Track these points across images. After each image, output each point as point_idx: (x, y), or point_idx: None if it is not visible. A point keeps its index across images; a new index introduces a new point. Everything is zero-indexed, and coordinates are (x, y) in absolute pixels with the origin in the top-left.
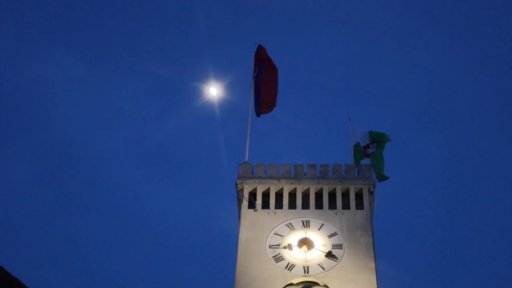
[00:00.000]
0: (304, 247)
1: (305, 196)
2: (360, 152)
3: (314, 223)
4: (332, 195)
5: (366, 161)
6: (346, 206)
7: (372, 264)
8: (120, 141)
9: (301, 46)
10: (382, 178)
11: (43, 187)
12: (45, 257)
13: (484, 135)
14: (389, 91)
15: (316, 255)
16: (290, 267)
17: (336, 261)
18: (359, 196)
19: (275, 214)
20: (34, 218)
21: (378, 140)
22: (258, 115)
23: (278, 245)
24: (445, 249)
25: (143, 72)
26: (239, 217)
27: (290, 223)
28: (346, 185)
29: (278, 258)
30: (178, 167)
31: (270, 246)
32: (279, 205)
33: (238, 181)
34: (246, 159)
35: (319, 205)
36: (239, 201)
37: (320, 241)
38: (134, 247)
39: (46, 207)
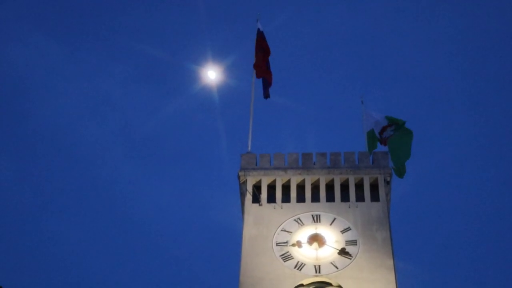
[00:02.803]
0: (315, 244)
1: (315, 188)
2: (374, 139)
3: (325, 217)
4: (344, 187)
5: (381, 148)
6: (360, 198)
7: (390, 262)
8: (108, 131)
9: (307, 23)
10: (399, 172)
11: (24, 183)
12: (27, 260)
13: None
14: (406, 71)
15: (328, 252)
16: (299, 266)
17: (350, 258)
18: (374, 187)
19: (282, 208)
20: (15, 217)
21: (397, 123)
22: (266, 96)
23: (286, 242)
24: (470, 244)
25: (132, 54)
26: (243, 212)
27: (298, 218)
28: (359, 175)
29: (286, 257)
30: (174, 159)
31: (277, 244)
32: (286, 199)
33: (240, 173)
34: (249, 148)
35: (330, 198)
36: (242, 195)
37: (332, 237)
38: (125, 247)
39: (27, 205)
